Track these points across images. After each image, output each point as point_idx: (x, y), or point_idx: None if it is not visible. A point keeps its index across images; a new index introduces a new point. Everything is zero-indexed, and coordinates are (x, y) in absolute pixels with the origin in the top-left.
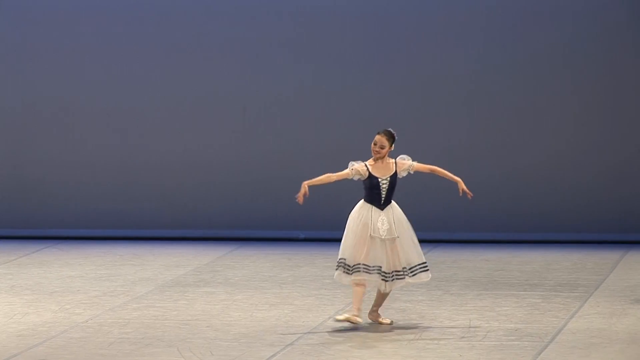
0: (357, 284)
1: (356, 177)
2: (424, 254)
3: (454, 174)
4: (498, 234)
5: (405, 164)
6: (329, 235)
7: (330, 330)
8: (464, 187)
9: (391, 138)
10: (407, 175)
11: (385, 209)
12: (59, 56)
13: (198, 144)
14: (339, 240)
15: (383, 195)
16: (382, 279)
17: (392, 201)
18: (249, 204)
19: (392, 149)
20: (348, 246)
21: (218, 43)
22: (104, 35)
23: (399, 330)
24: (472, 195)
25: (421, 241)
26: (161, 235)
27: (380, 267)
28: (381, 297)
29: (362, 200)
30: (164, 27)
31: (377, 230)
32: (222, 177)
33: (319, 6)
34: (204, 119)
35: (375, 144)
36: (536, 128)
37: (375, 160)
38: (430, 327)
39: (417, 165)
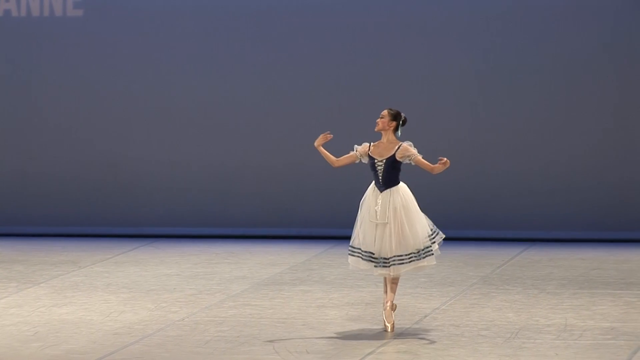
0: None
1: (364, 160)
2: (520, 252)
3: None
4: (594, 232)
5: (408, 150)
6: None
7: (425, 328)
8: (442, 162)
9: (395, 115)
10: (486, 174)
11: (384, 192)
12: (153, 55)
13: (295, 142)
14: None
15: (380, 177)
16: (374, 265)
17: (401, 183)
18: (345, 202)
19: (393, 127)
20: (358, 232)
21: (314, 36)
22: (196, 34)
23: (495, 329)
24: (444, 159)
25: (517, 240)
26: (257, 234)
27: (372, 253)
28: (390, 288)
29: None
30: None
31: (374, 214)
32: (318, 176)
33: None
34: (299, 117)
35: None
36: (628, 123)
37: (386, 138)
38: (526, 326)
39: (419, 159)
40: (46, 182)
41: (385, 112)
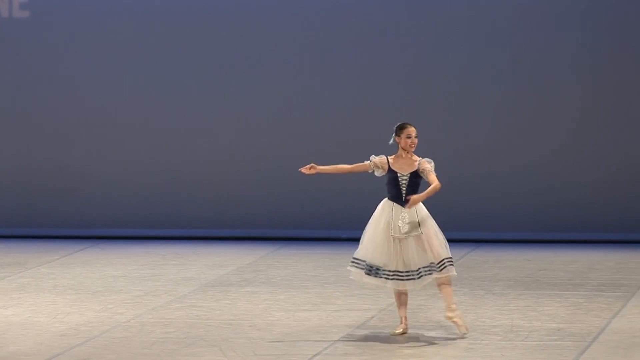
0: (399, 291)
1: (377, 172)
2: (466, 253)
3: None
4: (541, 233)
5: (424, 165)
6: None
7: (372, 330)
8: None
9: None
10: (448, 175)
11: (407, 207)
12: (101, 54)
13: (241, 143)
14: None
15: (403, 192)
16: (402, 280)
17: None
18: (292, 204)
19: None
20: (367, 246)
21: (261, 41)
22: (146, 34)
23: (441, 330)
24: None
25: (464, 241)
26: (204, 235)
27: (399, 271)
28: (446, 293)
29: (385, 199)
30: (205, 27)
31: (397, 229)
32: (264, 177)
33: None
34: (246, 118)
35: (409, 137)
36: (573, 124)
37: (407, 154)
38: (473, 327)
39: (430, 174)
40: None
41: (415, 130)
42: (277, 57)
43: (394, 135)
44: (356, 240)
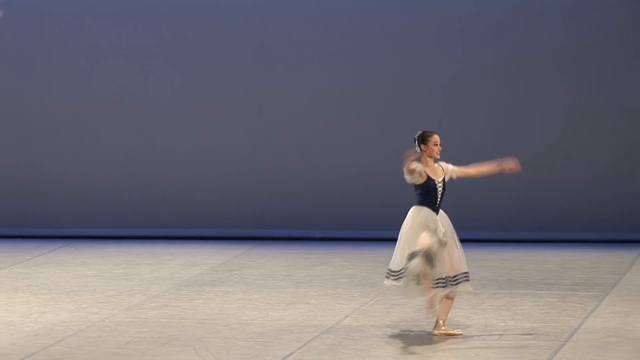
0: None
1: (412, 179)
2: None
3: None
4: (514, 233)
5: (449, 167)
6: (345, 234)
7: (346, 329)
8: (506, 166)
9: None
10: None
11: (439, 214)
12: (73, 56)
13: (214, 143)
14: (356, 239)
15: (439, 199)
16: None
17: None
18: (265, 203)
19: None
20: (399, 250)
21: (234, 42)
22: (119, 35)
23: (415, 329)
24: (518, 168)
25: None
26: (177, 235)
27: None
28: (444, 309)
29: (415, 206)
30: (179, 26)
31: (442, 233)
32: (238, 177)
33: (333, 6)
34: (220, 119)
35: (436, 144)
36: (548, 125)
37: (431, 161)
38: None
39: (457, 169)
40: None
41: (439, 138)
42: (250, 58)
43: (418, 144)
44: (330, 239)
